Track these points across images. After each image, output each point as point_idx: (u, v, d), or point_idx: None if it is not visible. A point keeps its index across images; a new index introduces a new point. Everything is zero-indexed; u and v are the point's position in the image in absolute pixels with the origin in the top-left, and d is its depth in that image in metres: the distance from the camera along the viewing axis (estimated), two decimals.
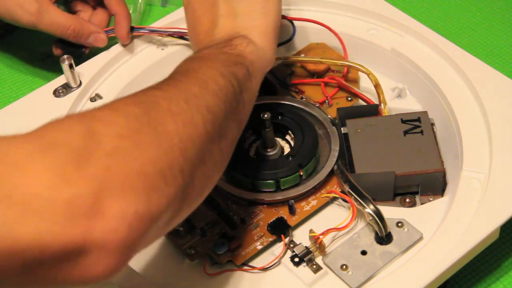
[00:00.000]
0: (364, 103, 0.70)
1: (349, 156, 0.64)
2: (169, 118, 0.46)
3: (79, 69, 0.72)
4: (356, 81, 0.73)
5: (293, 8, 0.77)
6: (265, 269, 0.59)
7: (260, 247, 0.60)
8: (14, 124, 0.68)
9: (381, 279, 0.57)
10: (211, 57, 0.56)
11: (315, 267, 0.58)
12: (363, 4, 0.76)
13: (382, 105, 0.68)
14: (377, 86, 0.68)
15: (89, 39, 0.74)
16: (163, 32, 0.75)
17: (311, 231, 0.60)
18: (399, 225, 0.60)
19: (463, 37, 0.85)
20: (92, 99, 0.72)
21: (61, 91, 0.71)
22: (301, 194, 0.63)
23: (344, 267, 0.58)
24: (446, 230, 0.58)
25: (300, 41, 0.76)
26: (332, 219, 0.61)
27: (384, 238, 0.59)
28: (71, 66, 0.70)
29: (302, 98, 0.71)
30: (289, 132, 0.67)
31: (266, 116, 0.63)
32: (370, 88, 0.70)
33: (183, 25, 0.74)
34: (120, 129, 0.43)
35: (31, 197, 0.38)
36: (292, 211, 0.62)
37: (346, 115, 0.67)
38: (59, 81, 0.72)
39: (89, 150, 0.41)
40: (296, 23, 0.73)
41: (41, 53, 0.86)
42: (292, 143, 0.66)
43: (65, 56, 0.70)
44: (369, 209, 0.59)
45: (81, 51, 0.75)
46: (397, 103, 0.71)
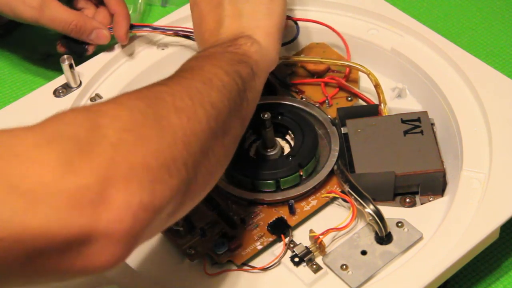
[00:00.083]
0: (364, 103, 0.70)
1: (349, 156, 0.64)
2: (173, 112, 0.47)
3: (79, 69, 0.72)
4: (356, 81, 0.73)
5: (293, 8, 0.77)
6: (265, 269, 0.59)
7: (260, 247, 0.60)
8: (14, 124, 0.68)
9: (381, 279, 0.57)
10: (216, 56, 0.57)
11: (315, 267, 0.58)
12: (363, 4, 0.76)
13: (382, 105, 0.68)
14: (377, 86, 0.68)
15: (92, 35, 0.74)
16: (163, 30, 0.75)
17: (311, 231, 0.60)
18: (399, 225, 0.60)
19: (463, 37, 0.85)
20: (92, 99, 0.72)
21: (61, 91, 0.71)
22: (301, 194, 0.63)
23: (344, 267, 0.58)
24: (446, 230, 0.58)
25: (300, 41, 0.76)
26: (332, 219, 0.61)
27: (384, 238, 0.59)
28: (71, 66, 0.70)
29: (302, 98, 0.71)
30: (289, 132, 0.67)
31: (266, 116, 0.63)
32: (370, 88, 0.70)
33: (184, 25, 0.75)
34: (124, 122, 0.44)
35: (38, 186, 0.39)
36: (292, 211, 0.62)
37: (346, 115, 0.67)
38: (59, 81, 0.72)
39: (94, 141, 0.41)
40: (299, 24, 0.73)
41: (41, 53, 0.86)
42: (292, 143, 0.66)
43: (65, 56, 0.70)
44: (369, 209, 0.59)
45: (84, 48, 0.74)
46: (397, 103, 0.71)
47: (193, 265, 0.60)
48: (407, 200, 0.64)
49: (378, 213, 0.58)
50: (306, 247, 0.59)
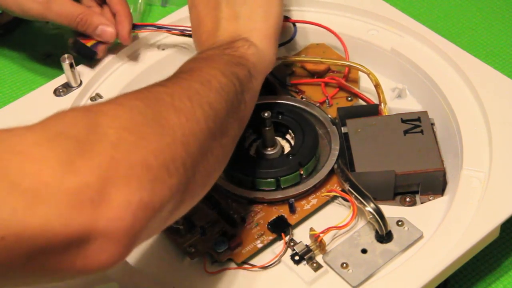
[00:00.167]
0: (364, 103, 0.71)
1: (349, 155, 0.64)
2: (172, 113, 0.47)
3: (79, 68, 0.72)
4: (356, 81, 0.73)
5: (293, 9, 0.77)
6: (265, 267, 0.59)
7: (260, 245, 0.60)
8: (14, 123, 0.68)
9: (381, 277, 0.57)
10: (213, 58, 0.57)
11: (315, 265, 0.58)
12: (362, 4, 0.76)
13: (382, 105, 0.68)
14: (377, 86, 0.68)
15: (97, 30, 0.73)
16: (168, 28, 0.74)
17: (311, 229, 0.60)
18: (399, 223, 0.60)
19: (463, 37, 0.85)
20: (92, 99, 0.72)
21: (61, 91, 0.71)
22: (301, 192, 0.63)
23: (344, 265, 0.58)
24: (446, 229, 0.58)
25: (300, 42, 0.76)
26: (332, 218, 0.61)
27: (384, 236, 0.59)
28: (71, 65, 0.70)
29: (302, 98, 0.71)
30: (289, 131, 0.67)
31: (266, 115, 0.63)
32: (370, 88, 0.70)
33: (185, 25, 0.75)
34: (124, 122, 0.44)
35: (39, 185, 0.39)
36: (292, 210, 0.62)
37: (346, 114, 0.67)
38: (60, 80, 0.72)
39: (95, 141, 0.42)
40: (296, 24, 0.73)
41: (41, 52, 0.86)
42: (292, 142, 0.66)
43: (66, 55, 0.70)
44: (370, 208, 0.59)
45: (94, 52, 0.73)
46: (397, 103, 0.72)
47: (193, 263, 0.60)
48: (407, 199, 0.64)
49: (378, 212, 0.58)
50: (306, 245, 0.59)
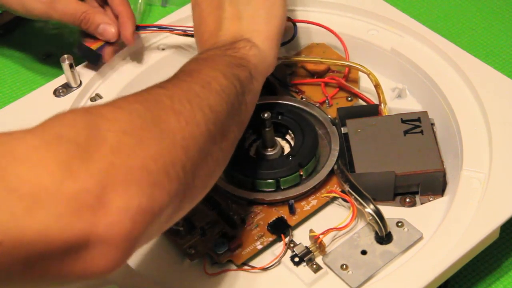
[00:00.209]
0: (364, 103, 0.70)
1: (349, 156, 0.64)
2: (172, 116, 0.47)
3: (79, 69, 0.72)
4: (356, 81, 0.73)
5: (293, 8, 0.77)
6: (265, 269, 0.59)
7: (260, 246, 0.60)
8: (14, 124, 0.68)
9: (381, 278, 0.57)
10: (214, 59, 0.57)
11: (315, 266, 0.58)
12: (363, 4, 0.76)
13: (382, 105, 0.68)
14: (377, 86, 0.68)
15: (99, 28, 0.72)
16: (171, 29, 0.74)
17: (311, 230, 0.60)
18: (399, 225, 0.60)
19: (463, 37, 0.85)
20: (92, 99, 0.71)
21: (61, 91, 0.71)
22: (301, 193, 0.63)
23: (344, 266, 0.58)
24: (446, 230, 0.58)
25: (300, 41, 0.76)
26: (332, 219, 0.61)
27: (384, 237, 0.59)
28: (71, 65, 0.70)
29: (302, 98, 0.71)
30: (289, 131, 0.67)
31: (266, 115, 0.63)
32: (370, 88, 0.70)
33: (185, 24, 0.75)
34: (124, 125, 0.44)
35: (38, 190, 0.39)
36: (292, 211, 0.62)
37: (346, 115, 0.67)
38: (59, 81, 0.72)
39: (94, 145, 0.41)
40: (297, 24, 0.73)
41: (41, 53, 0.86)
42: (292, 143, 0.66)
43: (66, 55, 0.70)
44: (369, 209, 0.59)
45: (100, 55, 0.72)
46: (397, 103, 0.72)
47: (193, 264, 0.60)
48: (407, 200, 0.63)
49: (378, 213, 0.58)
50: (306, 247, 0.59)
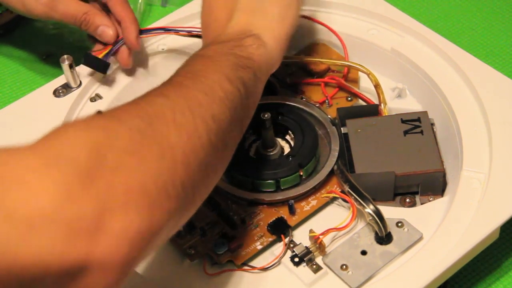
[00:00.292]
0: (364, 103, 0.70)
1: (349, 156, 0.64)
2: (173, 130, 0.46)
3: (79, 69, 0.72)
4: (356, 81, 0.73)
5: None
6: (265, 269, 0.59)
7: (260, 247, 0.60)
8: (14, 124, 0.68)
9: (381, 279, 0.57)
10: (219, 59, 0.55)
11: (315, 267, 0.58)
12: (363, 4, 0.76)
13: (382, 105, 0.68)
14: (377, 86, 0.68)
15: (98, 30, 0.72)
16: (176, 30, 0.73)
17: (311, 231, 0.60)
18: (399, 225, 0.60)
19: (463, 37, 0.85)
20: (92, 99, 0.71)
21: (61, 91, 0.71)
22: (301, 194, 0.63)
23: (344, 267, 0.58)
24: (446, 230, 0.58)
25: (300, 41, 0.76)
26: (332, 219, 0.61)
27: (384, 238, 0.59)
28: (71, 66, 0.70)
29: (302, 98, 0.71)
30: (289, 132, 0.67)
31: (266, 116, 0.63)
32: (370, 88, 0.70)
33: (185, 24, 0.74)
34: (124, 143, 0.43)
35: (35, 215, 0.38)
36: (292, 211, 0.62)
37: (346, 115, 0.67)
38: (59, 81, 0.72)
39: (94, 166, 0.40)
40: None
41: (41, 53, 0.86)
42: (292, 143, 0.66)
43: (65, 56, 0.70)
44: (369, 209, 0.59)
45: (107, 64, 0.71)
46: (397, 103, 0.71)
47: (193, 265, 0.60)
48: (407, 200, 0.63)
49: (378, 213, 0.58)
50: (306, 247, 0.59)
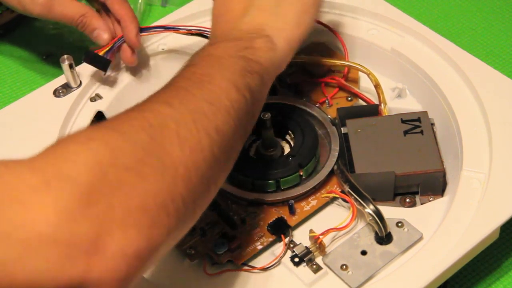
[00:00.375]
0: (364, 103, 0.70)
1: (349, 156, 0.64)
2: (176, 144, 0.45)
3: (79, 69, 0.72)
4: (356, 81, 0.73)
5: None
6: (265, 269, 0.59)
7: (260, 247, 0.60)
8: (14, 124, 0.68)
9: (381, 279, 0.57)
10: (228, 62, 0.54)
11: (315, 267, 0.58)
12: (363, 4, 0.76)
13: (382, 105, 0.68)
14: (377, 86, 0.68)
15: (94, 33, 0.72)
16: (175, 28, 0.73)
17: (311, 231, 0.60)
18: (399, 225, 0.60)
19: (463, 37, 0.85)
20: (92, 99, 0.71)
21: (61, 91, 0.71)
22: (301, 194, 0.63)
23: (344, 267, 0.58)
24: (446, 230, 0.58)
25: None
26: (332, 219, 0.61)
27: (384, 238, 0.59)
28: (71, 66, 0.70)
29: (302, 98, 0.71)
30: (289, 132, 0.67)
31: (266, 116, 0.63)
32: (370, 88, 0.70)
33: (188, 24, 0.74)
34: (125, 160, 0.42)
35: (32, 236, 0.38)
36: (292, 211, 0.62)
37: (346, 115, 0.67)
38: (59, 81, 0.72)
39: (95, 186, 0.40)
40: None
41: (41, 53, 0.86)
42: (292, 143, 0.66)
43: (65, 55, 0.70)
44: (369, 209, 0.59)
45: (108, 62, 0.71)
46: (397, 103, 0.71)
47: (193, 265, 0.60)
48: (407, 200, 0.63)
49: (378, 213, 0.58)
50: (306, 247, 0.59)
